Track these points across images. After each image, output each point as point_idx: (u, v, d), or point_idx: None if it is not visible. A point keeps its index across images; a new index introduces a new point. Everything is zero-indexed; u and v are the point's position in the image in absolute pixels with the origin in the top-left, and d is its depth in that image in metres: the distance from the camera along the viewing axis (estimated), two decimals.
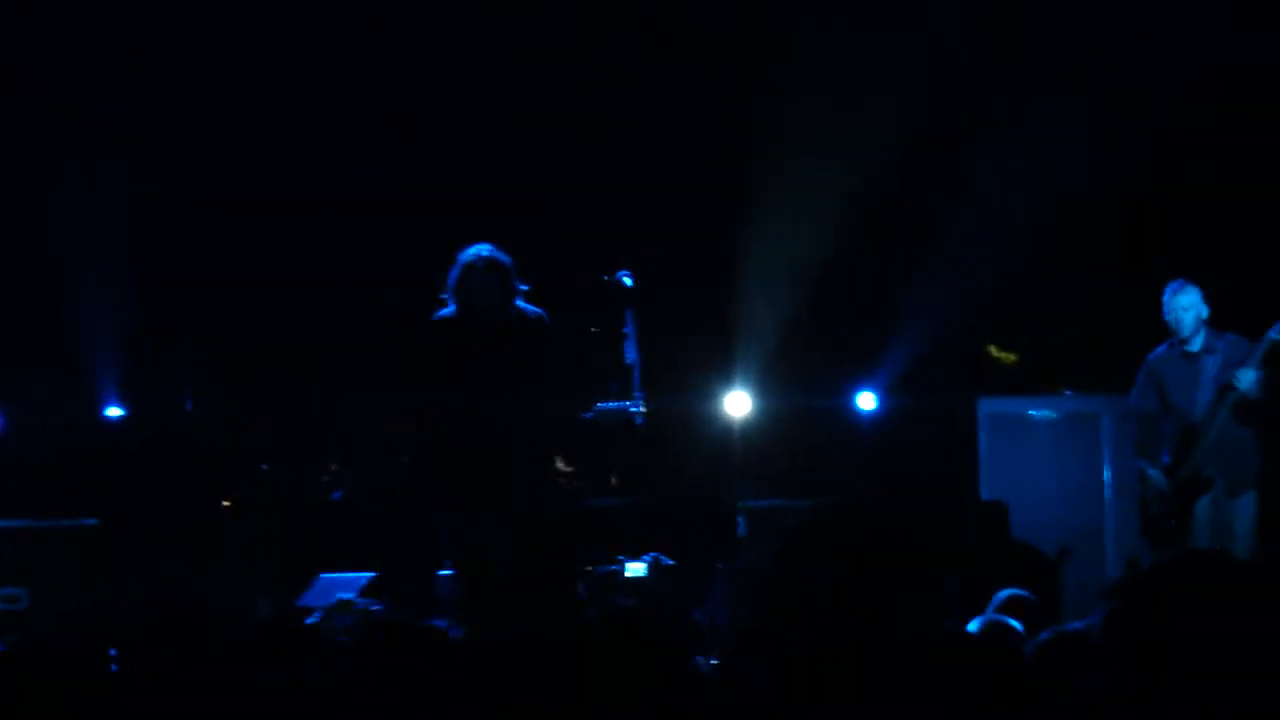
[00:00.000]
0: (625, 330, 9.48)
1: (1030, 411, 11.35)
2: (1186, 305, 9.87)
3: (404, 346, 9.06)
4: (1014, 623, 6.53)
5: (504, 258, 8.72)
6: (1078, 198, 12.07)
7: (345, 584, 9.95)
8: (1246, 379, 9.68)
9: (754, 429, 12.42)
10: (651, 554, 10.01)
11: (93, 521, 11.10)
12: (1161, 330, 10.03)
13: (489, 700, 4.18)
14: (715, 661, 6.45)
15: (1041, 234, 12.28)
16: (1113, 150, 11.92)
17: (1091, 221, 12.20)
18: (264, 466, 12.10)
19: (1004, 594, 7.49)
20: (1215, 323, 9.91)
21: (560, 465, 9.51)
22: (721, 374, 12.64)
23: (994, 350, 13.16)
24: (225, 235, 12.54)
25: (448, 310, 8.75)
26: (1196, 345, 9.89)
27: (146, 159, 12.39)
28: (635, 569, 9.84)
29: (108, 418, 12.77)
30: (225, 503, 11.79)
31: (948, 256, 12.35)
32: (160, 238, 12.52)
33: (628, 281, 9.47)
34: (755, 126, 12.22)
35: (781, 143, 12.24)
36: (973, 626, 6.44)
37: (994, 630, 6.30)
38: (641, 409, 9.43)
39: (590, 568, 9.76)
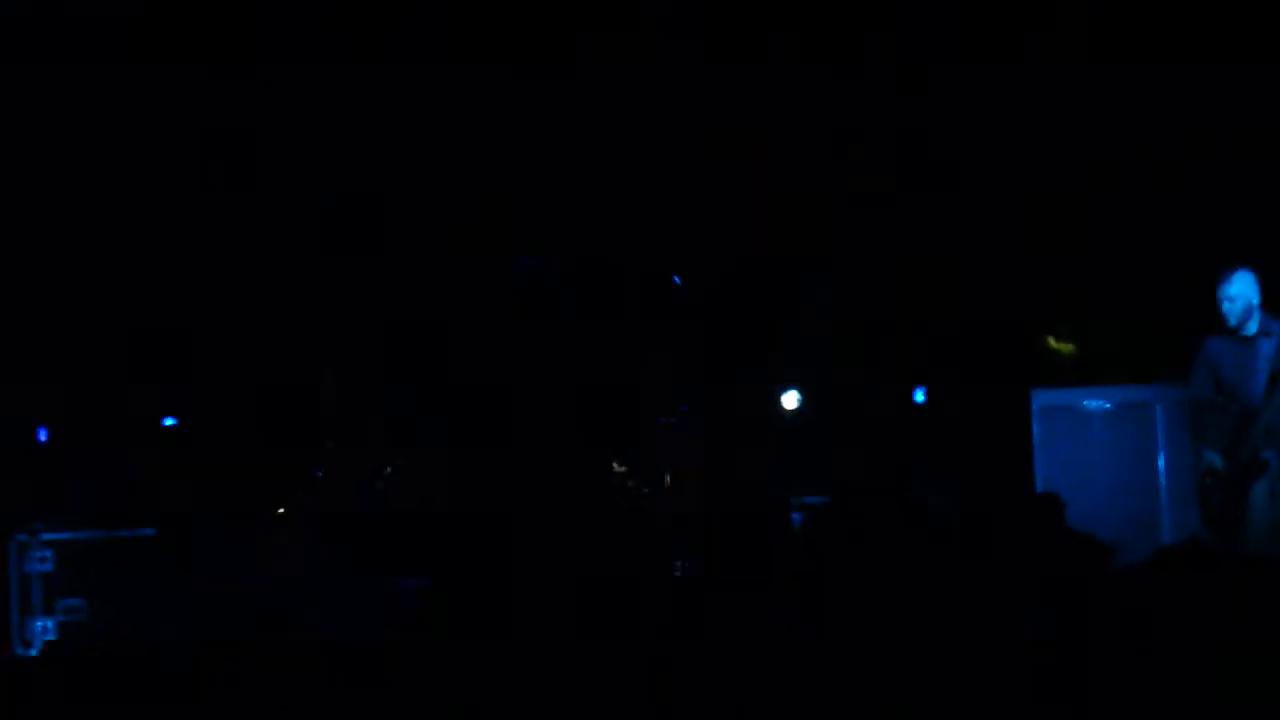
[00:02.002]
0: (676, 331, 9.48)
1: (1084, 402, 11.29)
2: (1234, 295, 9.81)
3: (456, 351, 9.09)
4: None
5: (553, 263, 8.76)
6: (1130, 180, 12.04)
7: None
8: None
9: (807, 425, 12.38)
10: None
11: (149, 531, 11.16)
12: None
13: None
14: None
15: (1096, 220, 12.24)
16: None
17: (1147, 205, 12.15)
18: (318, 472, 12.14)
19: None
20: (1273, 306, 9.84)
21: (615, 466, 9.51)
22: (774, 371, 12.61)
23: (1051, 341, 13.08)
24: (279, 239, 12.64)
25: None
26: (1252, 329, 9.83)
27: None
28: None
29: (164, 426, 12.85)
30: (280, 510, 11.84)
31: (1001, 246, 12.32)
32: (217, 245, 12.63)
33: (676, 281, 9.47)
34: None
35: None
36: None
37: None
38: (690, 409, 9.44)
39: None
